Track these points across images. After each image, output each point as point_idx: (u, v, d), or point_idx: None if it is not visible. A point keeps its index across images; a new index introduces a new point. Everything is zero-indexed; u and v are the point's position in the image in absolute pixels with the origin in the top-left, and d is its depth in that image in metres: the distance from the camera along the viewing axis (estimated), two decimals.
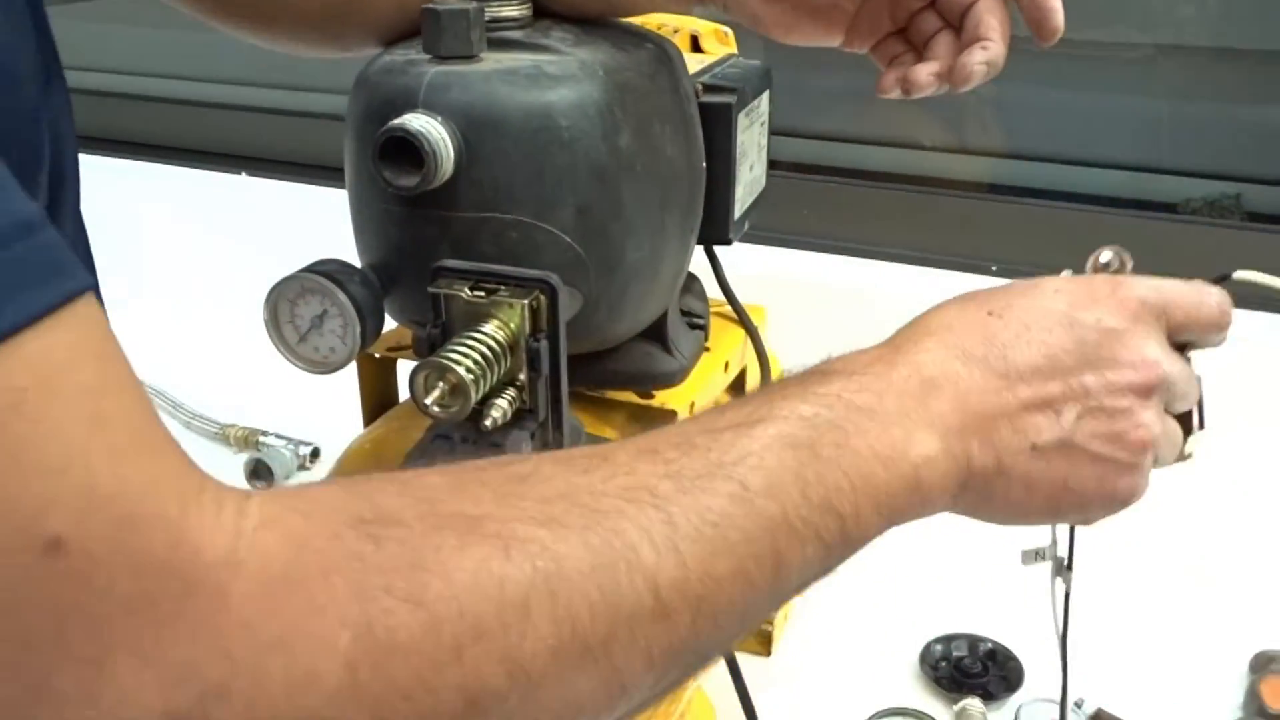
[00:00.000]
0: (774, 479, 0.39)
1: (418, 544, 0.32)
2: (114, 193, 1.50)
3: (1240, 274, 0.51)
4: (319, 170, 1.41)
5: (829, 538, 0.40)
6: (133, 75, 1.62)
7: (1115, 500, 0.47)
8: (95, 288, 0.29)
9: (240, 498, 0.31)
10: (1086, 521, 0.49)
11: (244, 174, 1.47)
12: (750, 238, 1.08)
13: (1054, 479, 0.44)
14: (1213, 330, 0.49)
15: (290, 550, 0.30)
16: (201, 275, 1.49)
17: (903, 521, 0.43)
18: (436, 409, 0.47)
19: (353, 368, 0.71)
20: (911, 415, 0.42)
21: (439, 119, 0.51)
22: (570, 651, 0.33)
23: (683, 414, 0.67)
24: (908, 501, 0.42)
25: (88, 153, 1.64)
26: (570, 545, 0.34)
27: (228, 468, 1.17)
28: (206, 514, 0.29)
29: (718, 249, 0.78)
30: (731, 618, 0.38)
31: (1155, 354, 0.46)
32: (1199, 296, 0.48)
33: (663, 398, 0.68)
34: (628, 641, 0.35)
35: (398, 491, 0.34)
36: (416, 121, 0.50)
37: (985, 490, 0.44)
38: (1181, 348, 0.49)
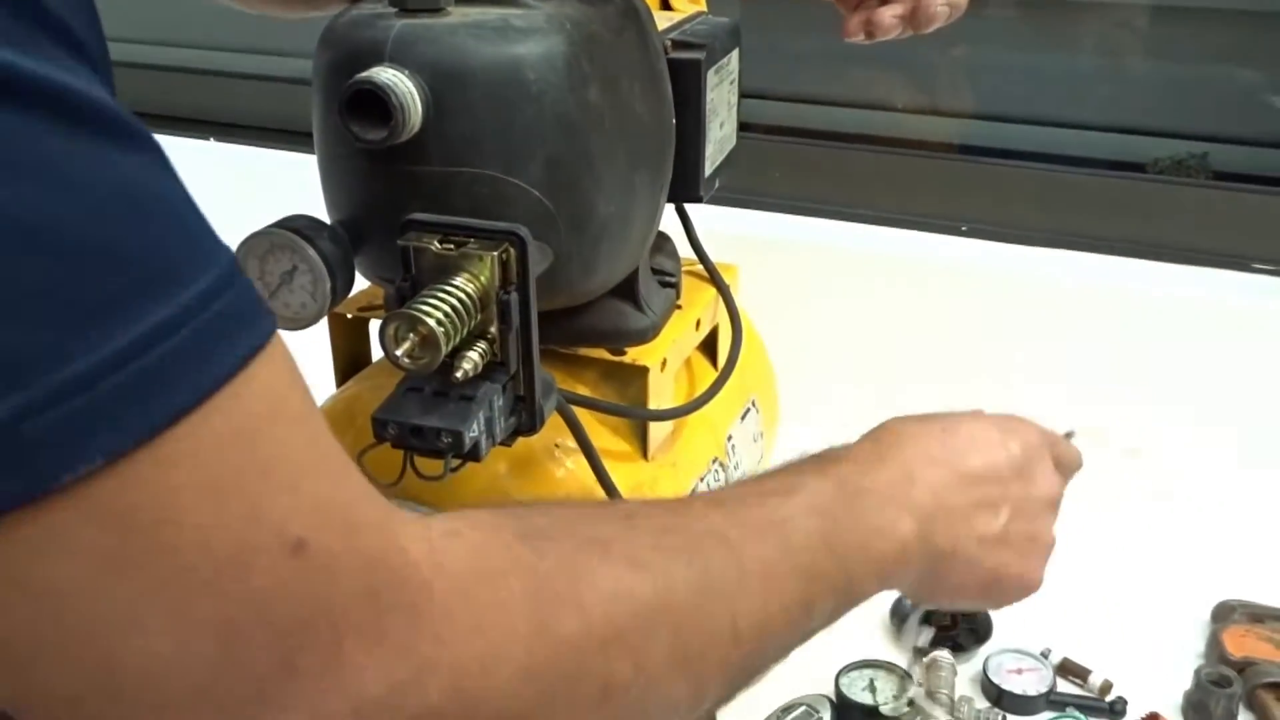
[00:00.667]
0: (809, 539, 0.47)
1: (571, 558, 0.39)
2: None
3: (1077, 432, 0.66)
4: (288, 135, 1.39)
5: (840, 591, 0.48)
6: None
7: (1028, 588, 0.58)
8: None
9: (419, 515, 0.36)
10: (998, 605, 0.59)
11: (211, 139, 1.45)
12: (723, 199, 1.08)
13: (988, 566, 0.54)
14: (1075, 470, 0.62)
15: (475, 555, 0.36)
16: None
17: (886, 587, 0.52)
18: (407, 361, 0.48)
19: (325, 330, 0.71)
20: (899, 500, 0.51)
21: (406, 72, 0.51)
22: (677, 658, 0.40)
23: (654, 371, 0.67)
24: (893, 568, 0.51)
25: None
26: (679, 570, 0.41)
27: None
28: (404, 523, 0.34)
29: (689, 208, 0.79)
30: (776, 647, 0.46)
31: (1057, 477, 0.59)
32: (1068, 443, 0.62)
33: (635, 355, 0.68)
34: (712, 656, 0.42)
35: (542, 515, 0.41)
36: (384, 74, 0.50)
37: (937, 569, 0.53)
38: None
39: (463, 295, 0.48)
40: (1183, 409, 1.03)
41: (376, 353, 0.73)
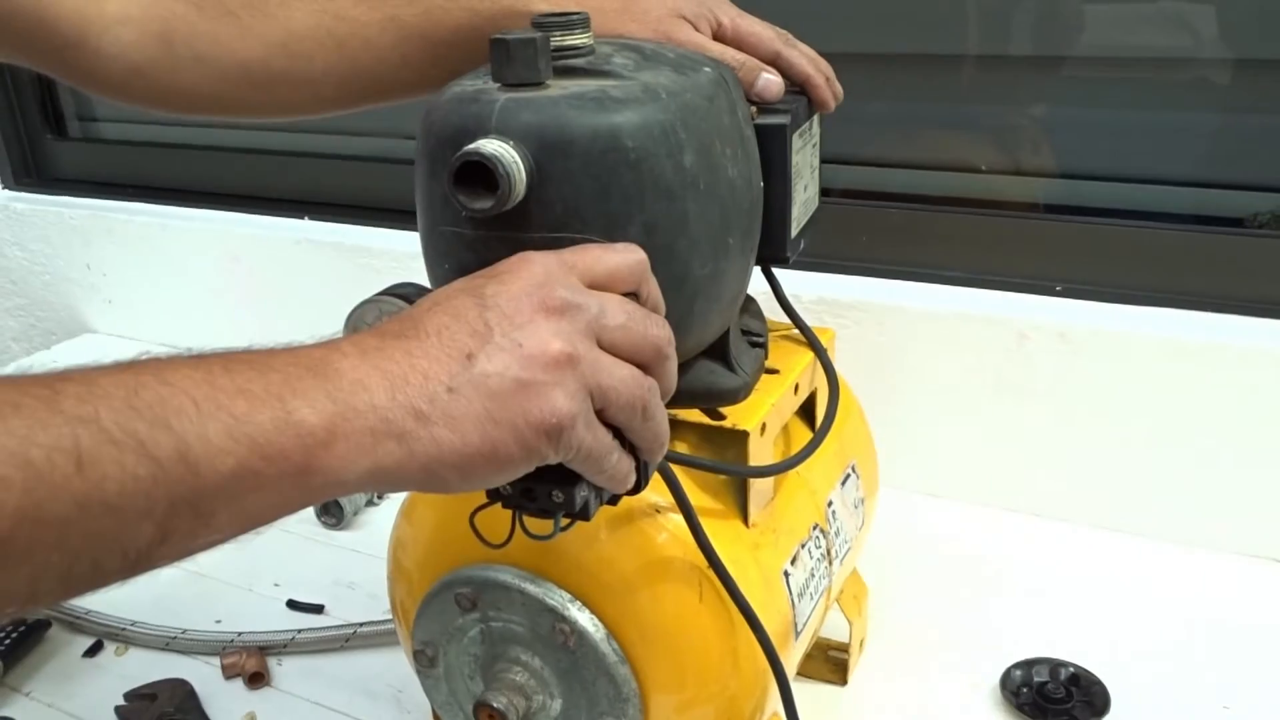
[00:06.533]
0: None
1: None
2: (185, 242, 1.55)
3: None
4: (377, 212, 1.44)
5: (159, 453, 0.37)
6: (202, 128, 1.67)
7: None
8: None
9: None
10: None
11: (306, 219, 1.50)
12: (811, 265, 1.08)
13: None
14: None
15: None
16: (266, 318, 1.52)
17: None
18: None
19: None
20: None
21: (511, 143, 0.52)
22: None
23: (754, 435, 0.67)
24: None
25: (165, 203, 1.67)
26: None
27: None
28: None
29: (780, 273, 0.79)
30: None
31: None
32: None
33: (734, 419, 0.68)
34: None
35: None
36: (490, 145, 0.51)
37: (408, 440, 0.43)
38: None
39: None
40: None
41: None
